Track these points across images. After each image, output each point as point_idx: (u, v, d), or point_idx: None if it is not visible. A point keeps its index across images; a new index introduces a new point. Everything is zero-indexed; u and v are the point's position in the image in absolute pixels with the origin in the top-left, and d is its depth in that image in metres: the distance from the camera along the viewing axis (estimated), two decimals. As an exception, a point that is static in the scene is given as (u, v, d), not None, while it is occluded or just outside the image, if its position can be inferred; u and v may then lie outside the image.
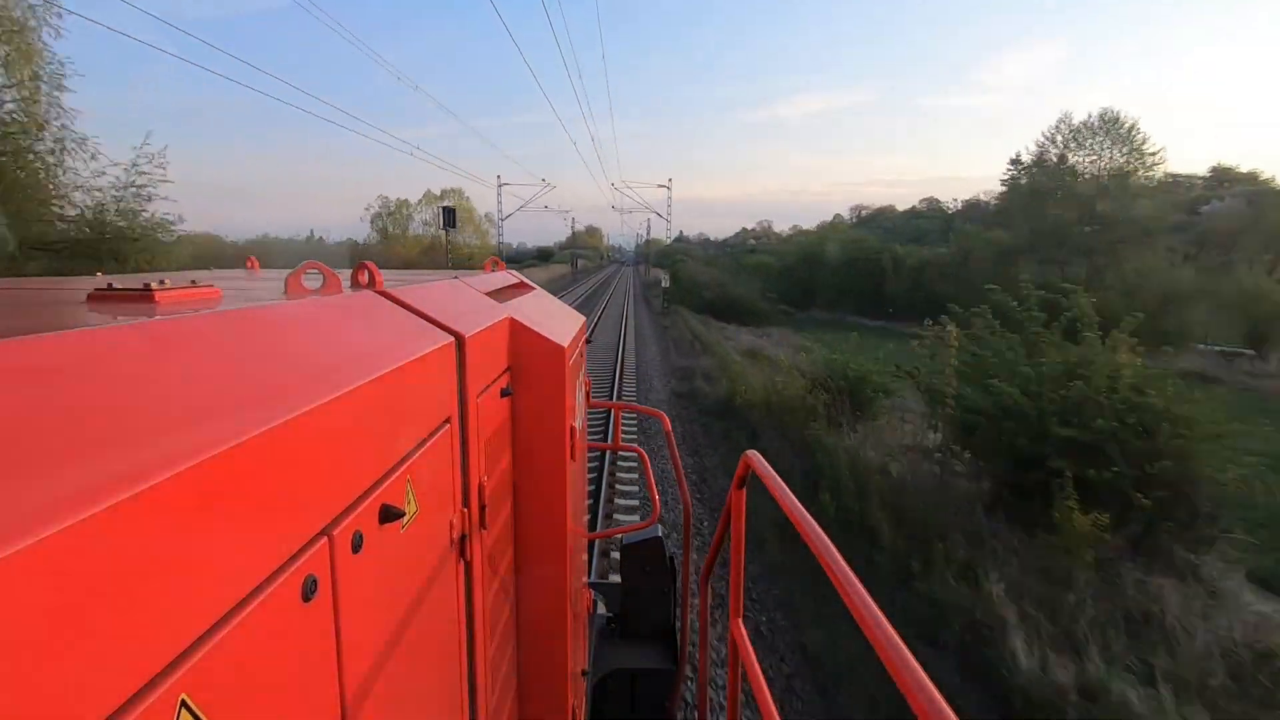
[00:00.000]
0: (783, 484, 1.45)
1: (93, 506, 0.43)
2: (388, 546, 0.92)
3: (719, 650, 4.94)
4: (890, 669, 0.82)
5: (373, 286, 1.31)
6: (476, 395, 1.40)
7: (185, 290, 0.97)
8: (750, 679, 1.56)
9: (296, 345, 0.89)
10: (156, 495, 0.49)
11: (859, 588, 1.00)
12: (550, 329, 1.86)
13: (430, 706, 1.15)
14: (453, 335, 1.29)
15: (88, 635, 0.43)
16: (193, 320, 0.77)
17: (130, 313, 0.87)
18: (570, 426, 1.88)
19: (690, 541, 3.14)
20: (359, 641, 0.83)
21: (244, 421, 0.62)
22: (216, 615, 0.56)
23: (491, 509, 1.49)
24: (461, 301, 1.63)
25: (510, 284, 2.37)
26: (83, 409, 0.52)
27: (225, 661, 0.56)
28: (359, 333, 1.07)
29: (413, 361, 1.06)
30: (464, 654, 1.36)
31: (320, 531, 0.75)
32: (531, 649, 1.89)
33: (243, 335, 0.81)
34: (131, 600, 0.46)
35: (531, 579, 1.84)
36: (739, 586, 1.80)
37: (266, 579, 0.63)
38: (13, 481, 0.42)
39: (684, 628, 2.92)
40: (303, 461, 0.72)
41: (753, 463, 1.67)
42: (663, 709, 3.03)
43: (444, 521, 1.22)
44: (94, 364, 0.59)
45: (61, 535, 0.41)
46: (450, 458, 1.26)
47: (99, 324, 0.71)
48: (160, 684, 0.48)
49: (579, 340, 2.44)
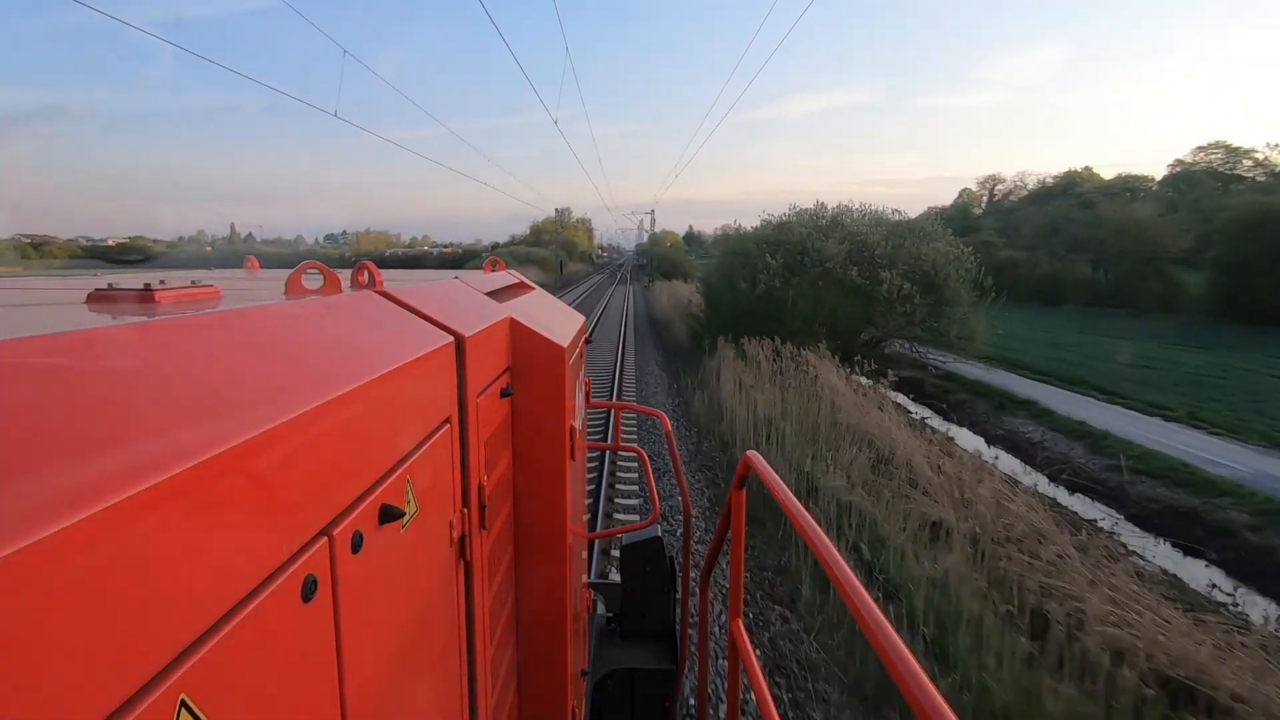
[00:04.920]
0: (782, 484, 1.46)
1: (93, 506, 0.43)
2: (388, 547, 0.92)
3: (719, 650, 4.95)
4: (890, 669, 0.83)
5: (373, 286, 1.31)
6: (476, 395, 1.40)
7: (185, 290, 0.97)
8: (750, 678, 1.57)
9: (296, 345, 0.89)
10: (156, 495, 0.49)
11: (859, 588, 1.00)
12: (550, 329, 1.86)
13: (430, 706, 1.15)
14: (452, 335, 1.29)
15: (87, 635, 0.43)
16: (193, 320, 0.78)
17: (130, 313, 0.87)
18: (570, 426, 1.88)
19: (690, 541, 3.14)
20: (359, 642, 0.83)
21: (244, 421, 0.62)
22: (216, 615, 0.56)
23: (491, 509, 1.49)
24: (461, 302, 1.63)
25: (510, 284, 2.37)
26: (83, 409, 0.52)
27: (225, 661, 0.56)
28: (359, 333, 1.07)
29: (412, 361, 1.07)
30: (464, 654, 1.36)
31: (320, 531, 0.75)
32: (531, 649, 1.89)
33: (243, 335, 0.81)
34: (131, 600, 0.46)
35: (531, 579, 1.84)
36: (739, 586, 1.80)
37: (266, 579, 0.63)
38: (13, 481, 0.42)
39: (684, 628, 2.92)
40: (303, 461, 0.72)
41: (753, 462, 1.68)
42: (663, 709, 3.03)
43: (444, 522, 1.22)
44: (94, 364, 0.59)
45: (62, 534, 0.41)
46: (450, 458, 1.26)
47: (99, 324, 0.71)
48: (160, 684, 0.48)
49: (579, 340, 2.44)
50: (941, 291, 17.98)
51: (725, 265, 22.04)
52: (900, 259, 17.99)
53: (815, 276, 17.98)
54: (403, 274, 2.34)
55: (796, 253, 18.56)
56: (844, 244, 18.26)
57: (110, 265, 72.76)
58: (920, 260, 17.90)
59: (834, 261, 17.95)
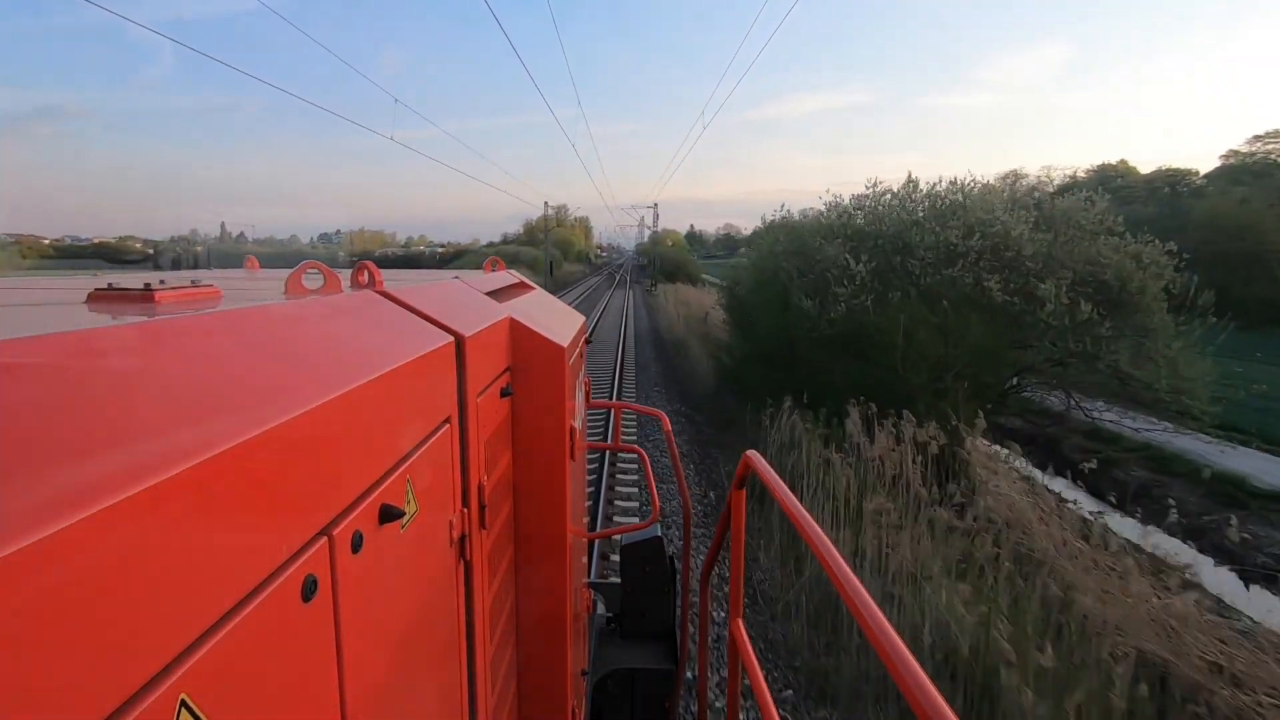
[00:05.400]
0: (782, 484, 1.46)
1: (93, 506, 0.43)
2: (387, 546, 0.92)
3: (719, 650, 4.94)
4: (891, 670, 0.83)
5: (373, 286, 1.31)
6: (476, 395, 1.40)
7: (185, 290, 0.97)
8: (750, 678, 1.57)
9: (296, 345, 0.89)
10: (156, 495, 0.49)
11: (859, 587, 1.00)
12: (550, 329, 1.86)
13: (430, 706, 1.15)
14: (452, 335, 1.29)
15: (87, 635, 0.43)
16: (193, 320, 0.78)
17: (130, 313, 0.87)
18: (570, 426, 1.88)
19: (690, 541, 3.14)
20: (359, 642, 0.83)
21: (244, 421, 0.62)
22: (216, 615, 0.56)
23: (491, 509, 1.49)
24: (461, 301, 1.63)
25: (510, 284, 2.37)
26: (83, 409, 0.52)
27: (225, 661, 0.56)
28: (359, 333, 1.07)
29: (412, 361, 1.07)
30: (464, 654, 1.36)
31: (320, 531, 0.75)
32: (531, 649, 1.89)
33: (243, 335, 0.81)
34: (131, 600, 0.46)
35: (531, 579, 1.84)
36: (739, 586, 1.80)
37: (266, 579, 0.63)
38: (13, 481, 0.42)
39: (684, 628, 2.92)
40: (303, 461, 0.72)
41: (753, 463, 1.68)
42: (663, 709, 3.03)
43: (444, 521, 1.22)
44: (94, 364, 0.59)
45: (61, 534, 0.41)
46: (450, 458, 1.26)
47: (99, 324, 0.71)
48: (160, 684, 0.48)
49: (579, 340, 2.44)
50: (1133, 313, 10.41)
51: (766, 270, 14.07)
52: (1062, 262, 10.65)
53: (930, 289, 10.46)
54: (403, 274, 2.35)
55: (893, 251, 11.38)
56: (974, 238, 10.71)
57: (77, 268, 70.87)
58: (1097, 265, 10.52)
59: (962, 267, 10.64)
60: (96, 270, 1.79)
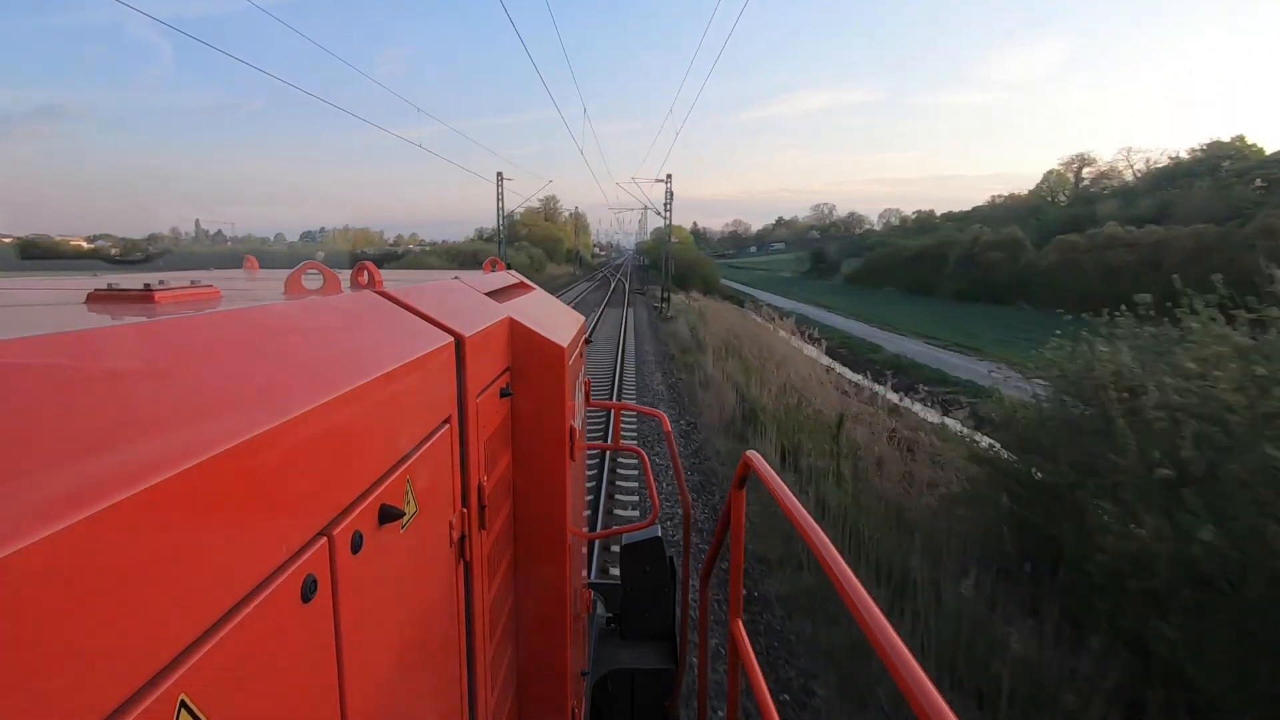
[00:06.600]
0: (782, 484, 1.45)
1: (92, 506, 0.44)
2: (387, 547, 0.92)
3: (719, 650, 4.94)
4: (890, 668, 0.83)
5: (372, 287, 1.31)
6: (476, 395, 1.40)
7: (185, 290, 0.97)
8: (750, 678, 1.57)
9: (296, 345, 0.89)
10: (156, 495, 0.49)
11: (859, 588, 1.00)
12: (550, 329, 1.86)
13: (430, 707, 1.15)
14: (452, 335, 1.29)
15: (87, 635, 0.43)
16: (193, 320, 0.78)
17: (130, 313, 0.87)
18: (570, 427, 1.88)
19: (690, 541, 3.14)
20: (359, 642, 0.83)
21: (244, 421, 0.63)
22: (216, 615, 0.56)
23: (491, 509, 1.49)
24: (461, 302, 1.63)
25: (510, 284, 2.37)
26: (82, 409, 0.52)
27: (225, 661, 0.56)
28: (358, 333, 1.07)
29: (412, 362, 1.07)
30: (464, 654, 1.36)
31: (320, 531, 0.75)
32: (531, 649, 1.89)
33: (242, 335, 0.81)
34: (131, 600, 0.46)
35: (531, 579, 1.84)
36: (739, 586, 1.80)
37: (266, 579, 0.63)
38: (13, 481, 0.42)
39: (684, 628, 2.92)
40: (302, 461, 0.72)
41: (753, 462, 1.67)
42: (663, 709, 3.03)
43: (444, 522, 1.22)
44: (94, 364, 0.59)
45: (61, 535, 0.41)
46: (450, 458, 1.26)
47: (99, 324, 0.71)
48: (160, 684, 0.48)
49: (579, 340, 2.44)
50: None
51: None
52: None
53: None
54: (403, 274, 2.34)
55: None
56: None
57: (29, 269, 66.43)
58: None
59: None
60: (96, 271, 1.79)
